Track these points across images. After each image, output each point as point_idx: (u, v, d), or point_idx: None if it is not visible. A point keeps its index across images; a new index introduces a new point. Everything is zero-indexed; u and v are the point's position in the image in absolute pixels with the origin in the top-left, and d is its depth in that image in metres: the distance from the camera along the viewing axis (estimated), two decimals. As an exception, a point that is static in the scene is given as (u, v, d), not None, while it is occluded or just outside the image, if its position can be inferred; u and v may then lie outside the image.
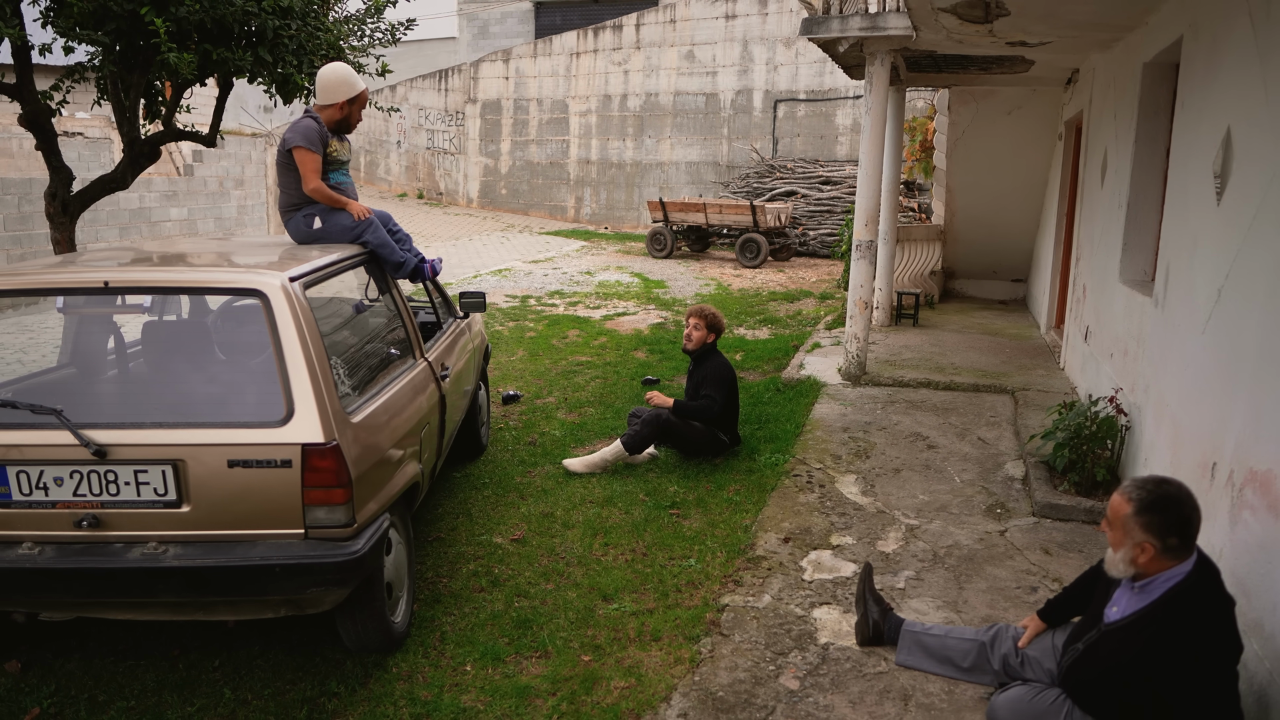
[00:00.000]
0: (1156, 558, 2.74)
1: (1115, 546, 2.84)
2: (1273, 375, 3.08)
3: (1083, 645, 2.97)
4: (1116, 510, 2.82)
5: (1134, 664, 2.77)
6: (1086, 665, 2.91)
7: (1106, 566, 2.90)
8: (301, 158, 4.37)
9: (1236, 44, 3.73)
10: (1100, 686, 2.87)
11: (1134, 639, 2.79)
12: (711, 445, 5.91)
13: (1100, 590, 3.10)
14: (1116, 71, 6.61)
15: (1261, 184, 3.32)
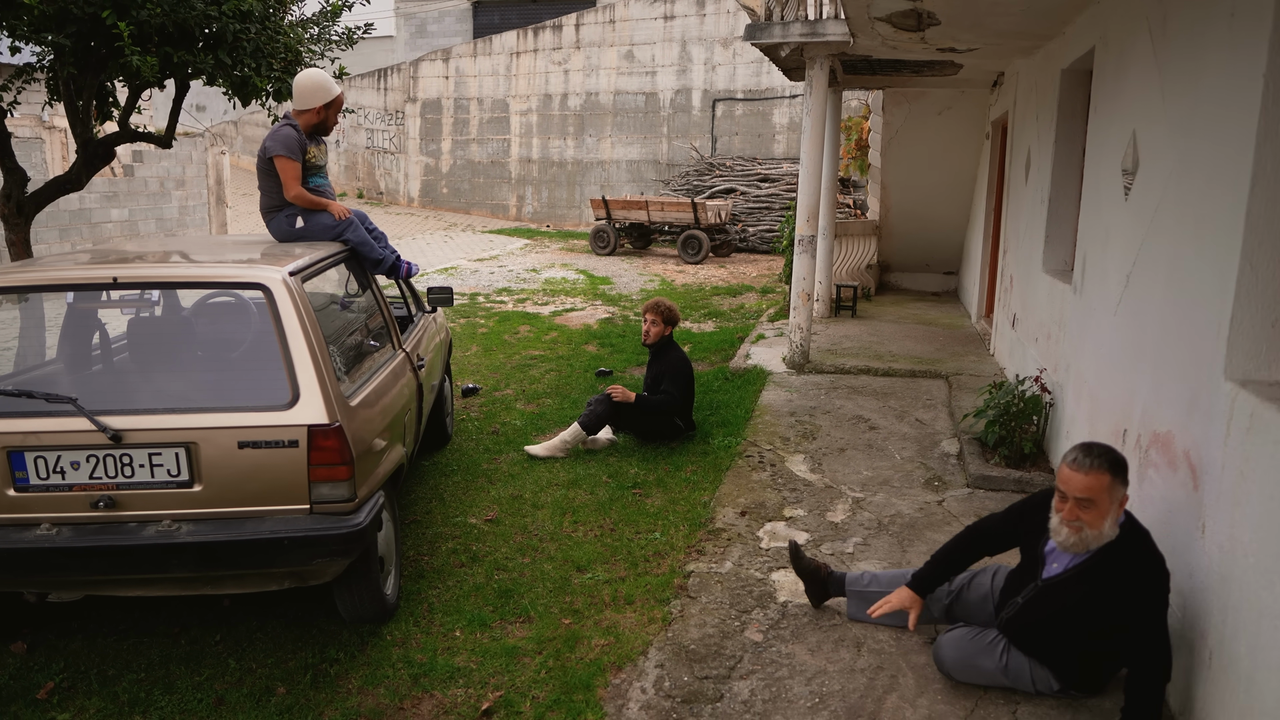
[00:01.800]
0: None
1: (1097, 521, 3.05)
2: (1170, 349, 3.50)
3: (1022, 599, 3.32)
4: (1095, 486, 3.02)
5: (1075, 611, 3.16)
6: (1027, 615, 3.28)
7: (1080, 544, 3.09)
8: (282, 166, 4.59)
9: (1139, 55, 4.16)
10: (1040, 632, 3.26)
11: (1075, 589, 3.16)
12: (668, 430, 6.24)
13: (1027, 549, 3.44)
14: (1038, 76, 7.10)
15: (1162, 180, 3.74)
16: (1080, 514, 3.07)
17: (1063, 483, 3.11)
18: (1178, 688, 3.20)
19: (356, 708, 3.34)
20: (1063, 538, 3.14)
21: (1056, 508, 3.17)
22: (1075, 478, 3.06)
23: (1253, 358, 2.90)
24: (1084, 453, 3.09)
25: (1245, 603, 2.69)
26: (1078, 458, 3.08)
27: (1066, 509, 3.10)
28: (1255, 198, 2.81)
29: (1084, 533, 3.08)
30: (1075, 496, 3.06)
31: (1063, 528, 3.13)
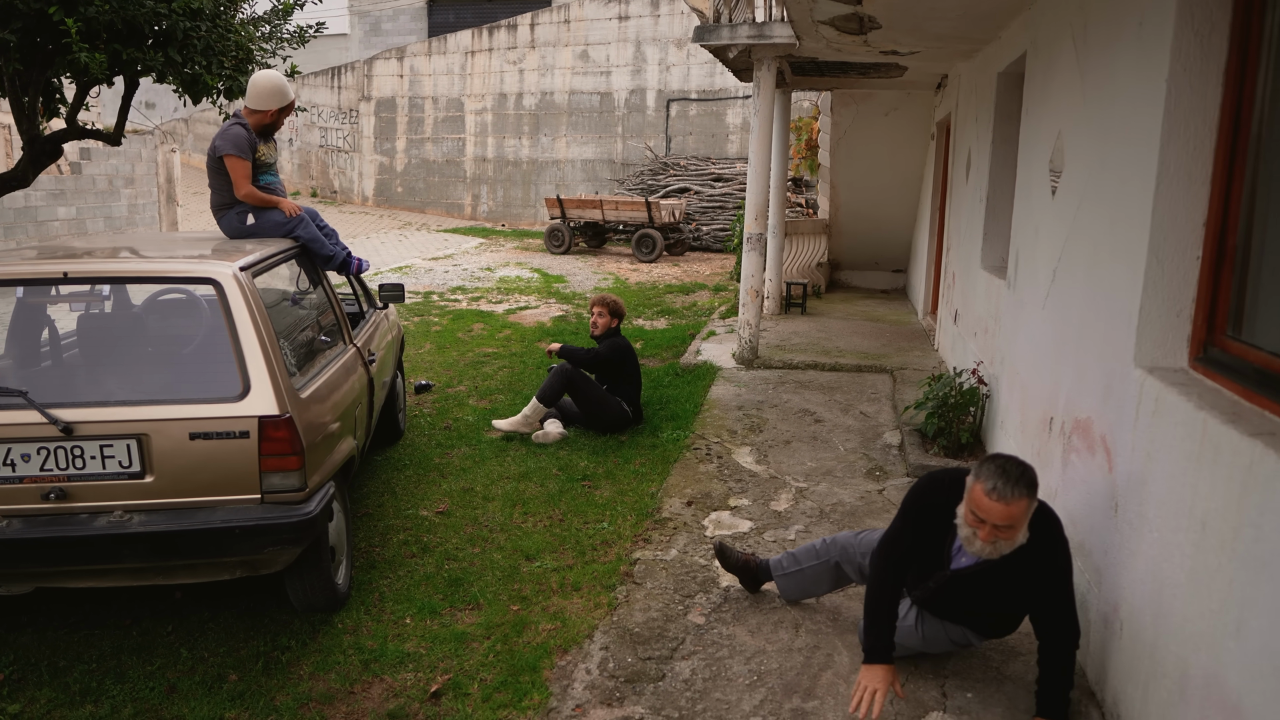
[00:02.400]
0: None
1: (1013, 537, 3.00)
2: (1089, 340, 3.69)
3: (934, 585, 3.37)
4: (1013, 514, 2.94)
5: (987, 595, 3.28)
6: (940, 597, 3.38)
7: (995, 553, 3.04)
8: (232, 165, 4.65)
9: (1064, 61, 4.36)
10: (954, 608, 3.41)
11: (986, 579, 3.23)
12: (616, 413, 6.41)
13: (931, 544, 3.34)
14: (977, 79, 7.32)
15: (1083, 180, 3.93)
16: (999, 535, 3.00)
17: (982, 511, 2.97)
18: (1094, 660, 3.38)
19: (308, 692, 3.42)
20: (977, 549, 3.06)
21: (971, 524, 3.04)
22: (996, 508, 2.95)
23: (1159, 346, 3.08)
24: (1003, 480, 2.95)
25: (1150, 575, 2.87)
26: (997, 486, 2.94)
27: (985, 531, 2.99)
28: (1160, 196, 2.99)
29: (998, 545, 3.02)
30: (997, 524, 2.97)
31: (976, 541, 3.04)
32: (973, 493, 3.02)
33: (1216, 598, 2.42)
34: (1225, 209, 2.85)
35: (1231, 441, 2.39)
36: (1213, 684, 2.43)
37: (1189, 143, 2.91)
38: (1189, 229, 2.97)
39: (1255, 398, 2.56)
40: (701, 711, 3.28)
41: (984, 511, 2.97)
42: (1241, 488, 2.32)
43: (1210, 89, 2.85)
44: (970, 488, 3.04)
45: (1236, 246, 2.80)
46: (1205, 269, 2.95)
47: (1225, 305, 2.88)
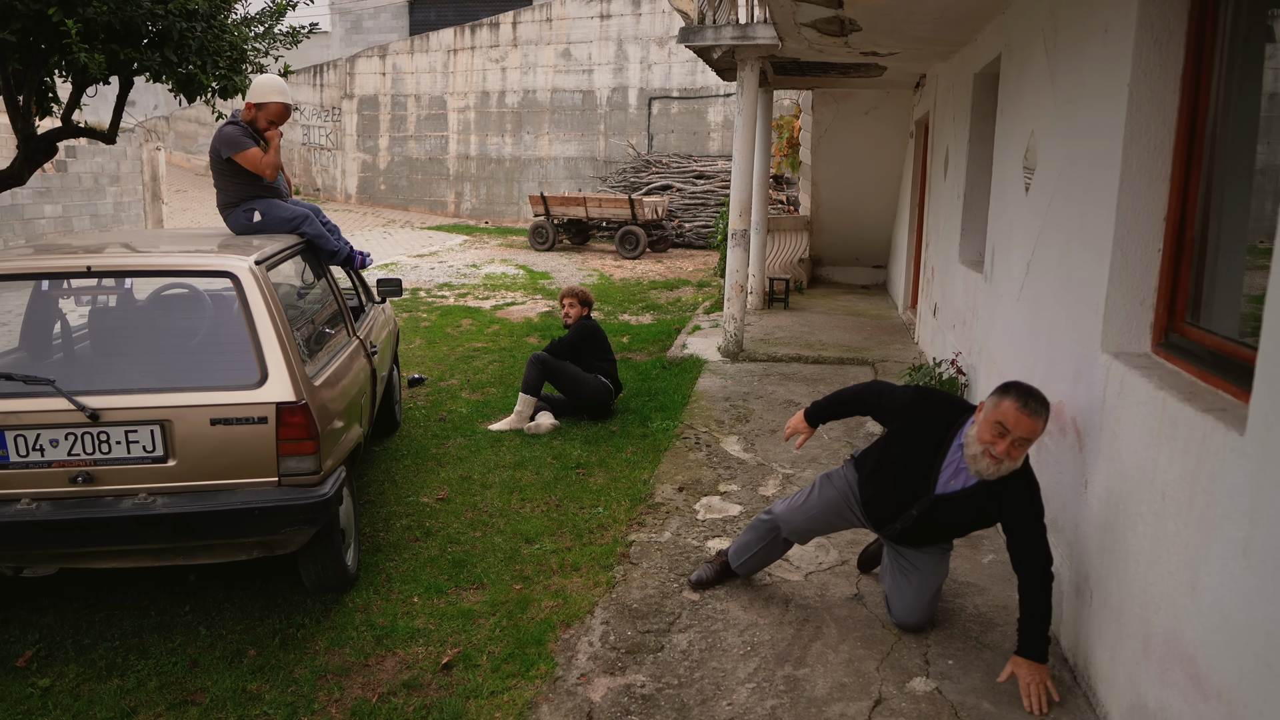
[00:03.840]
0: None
1: (1016, 456, 3.28)
2: (1061, 328, 3.92)
3: (917, 511, 3.61)
4: (1038, 430, 3.26)
5: (966, 517, 3.57)
6: (921, 523, 3.63)
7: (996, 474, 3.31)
8: (243, 158, 4.81)
9: (1036, 63, 4.58)
10: (931, 531, 3.67)
11: (970, 502, 3.50)
12: (596, 388, 6.70)
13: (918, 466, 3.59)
14: (955, 79, 7.55)
15: (1054, 177, 4.16)
16: (1014, 452, 3.26)
17: (1009, 423, 3.23)
18: (1067, 629, 3.61)
19: (325, 665, 3.60)
20: (982, 467, 3.31)
21: (985, 439, 3.29)
22: (1025, 421, 3.22)
23: (1124, 332, 3.30)
24: (1031, 398, 3.26)
25: (1116, 544, 3.10)
26: (1029, 403, 3.24)
27: (1004, 445, 3.25)
28: (1124, 192, 3.21)
29: (1004, 464, 3.29)
30: (1020, 437, 3.24)
31: (984, 459, 3.29)
32: (1001, 408, 3.28)
33: (1174, 560, 2.65)
34: (1184, 204, 3.07)
35: (1188, 417, 2.61)
36: (1172, 640, 2.66)
37: (1150, 143, 3.14)
38: (1151, 223, 3.19)
39: (1210, 378, 2.78)
40: (699, 679, 3.48)
41: (1013, 424, 3.23)
42: (1196, 459, 2.54)
43: (1169, 93, 3.08)
44: (996, 405, 3.30)
45: (1194, 239, 3.03)
46: (1166, 260, 3.17)
47: (1185, 294, 3.11)
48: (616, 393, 6.92)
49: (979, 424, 3.36)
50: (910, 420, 3.66)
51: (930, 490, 3.58)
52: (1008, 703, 3.31)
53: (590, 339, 6.87)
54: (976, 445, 3.34)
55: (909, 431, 3.66)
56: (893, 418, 3.76)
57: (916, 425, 3.63)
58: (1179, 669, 2.60)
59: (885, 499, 3.72)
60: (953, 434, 3.54)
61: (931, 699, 3.35)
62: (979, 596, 4.10)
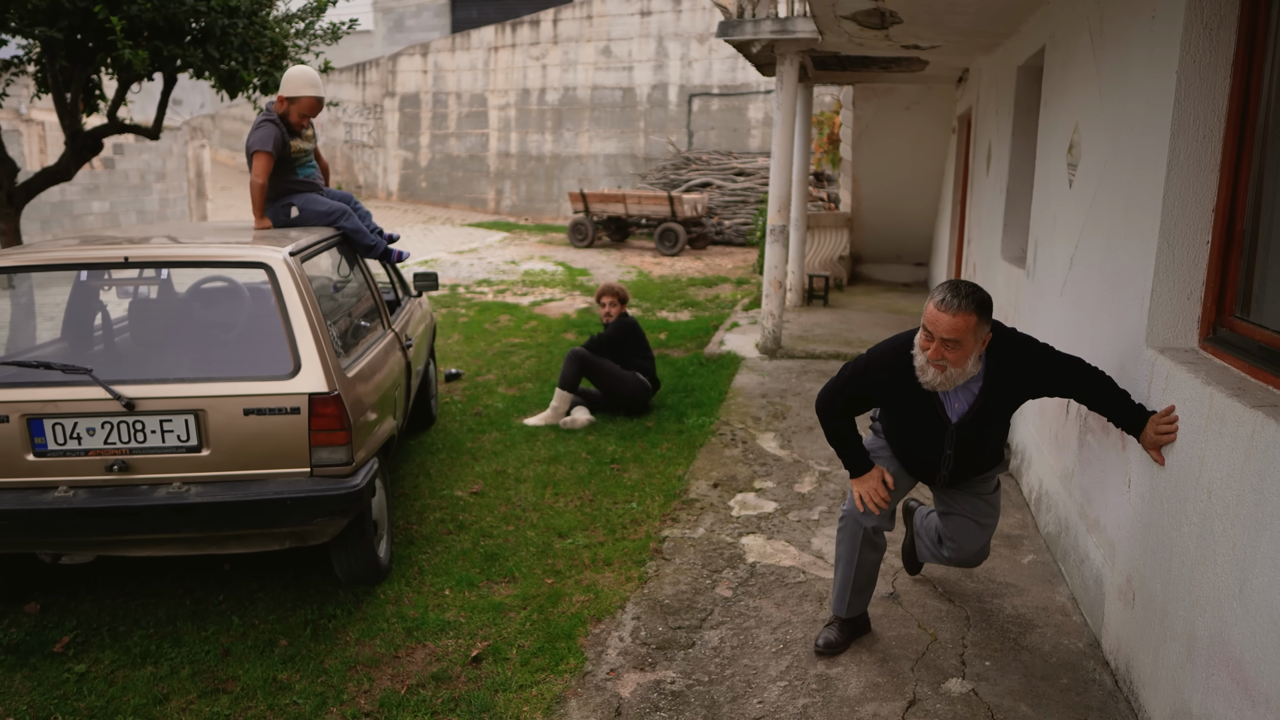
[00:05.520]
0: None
1: (961, 360, 3.06)
2: (1104, 323, 3.82)
3: (953, 450, 3.36)
4: (959, 327, 2.99)
5: (998, 423, 3.38)
6: (964, 457, 3.39)
7: (946, 383, 3.11)
8: (256, 159, 4.81)
9: (1081, 54, 4.48)
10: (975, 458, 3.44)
11: (989, 410, 3.29)
12: (634, 385, 6.66)
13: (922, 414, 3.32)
14: (998, 73, 7.42)
15: (1099, 170, 4.06)
16: (945, 354, 3.05)
17: (930, 322, 3.06)
18: (1109, 631, 3.51)
19: (355, 656, 3.60)
20: (929, 377, 3.13)
21: (922, 345, 3.13)
22: (942, 318, 3.01)
23: (1170, 327, 3.21)
24: (951, 293, 3.04)
25: (1160, 544, 3.00)
26: (945, 298, 3.03)
27: (932, 348, 3.07)
28: (1171, 183, 3.11)
29: (948, 371, 3.09)
30: (941, 337, 3.03)
31: (929, 368, 3.11)
32: (925, 311, 3.10)
33: (1221, 561, 2.56)
34: (1234, 195, 2.97)
35: (1236, 413, 2.53)
36: (1218, 643, 2.57)
37: (1198, 132, 3.04)
38: (1199, 215, 3.09)
39: (1260, 374, 2.69)
40: (730, 676, 3.44)
41: (931, 323, 3.05)
42: (1244, 456, 2.45)
43: (1219, 80, 2.98)
44: (925, 309, 3.12)
45: (1245, 231, 2.93)
46: (1214, 253, 3.07)
47: (1234, 287, 3.00)
48: (654, 390, 6.88)
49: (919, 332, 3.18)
50: (875, 384, 3.36)
51: (948, 424, 3.32)
52: (1046, 705, 3.24)
53: (629, 336, 6.84)
54: (919, 355, 3.14)
55: (882, 395, 3.38)
56: (866, 394, 3.41)
57: (884, 384, 3.33)
58: (1225, 674, 2.51)
59: (918, 455, 3.49)
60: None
61: (967, 700, 3.28)
62: (1018, 597, 4.01)
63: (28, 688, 3.41)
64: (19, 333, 4.36)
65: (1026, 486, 5.17)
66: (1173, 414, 2.95)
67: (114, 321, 4.38)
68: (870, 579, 3.65)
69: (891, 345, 3.36)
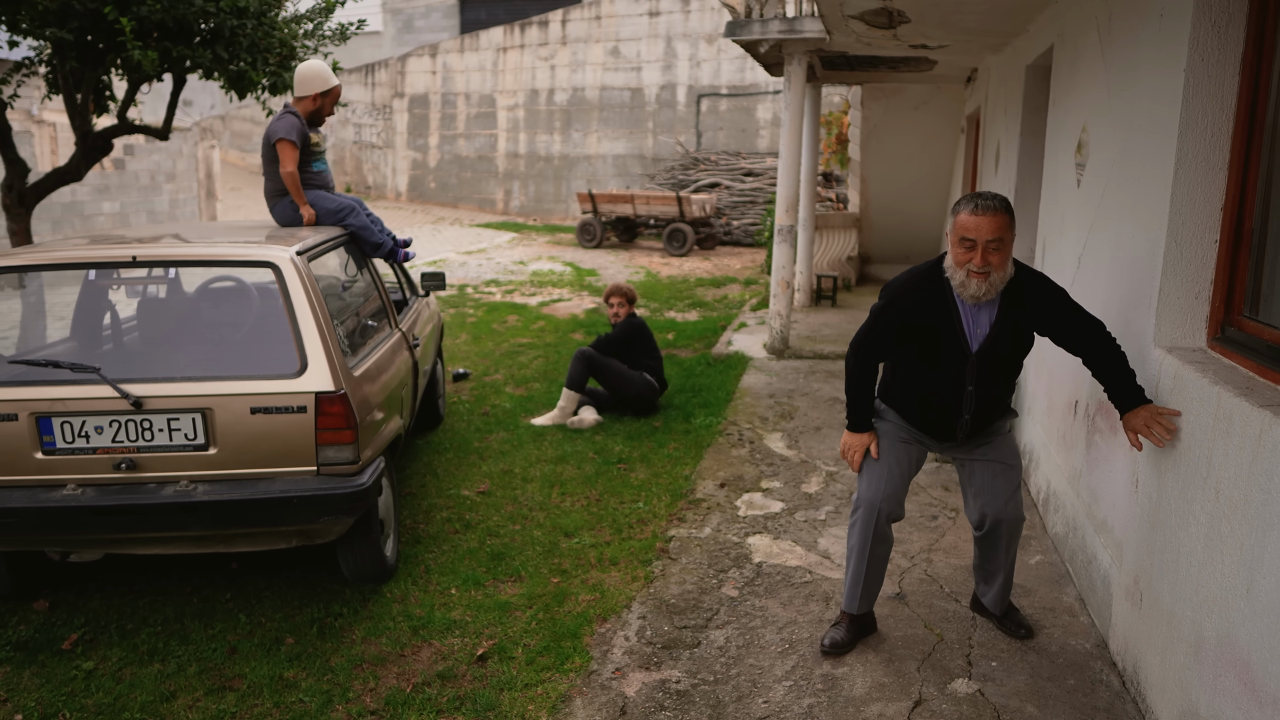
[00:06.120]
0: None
1: (1003, 263, 3.13)
2: (1112, 323, 3.78)
3: (974, 386, 3.31)
4: (1000, 225, 3.09)
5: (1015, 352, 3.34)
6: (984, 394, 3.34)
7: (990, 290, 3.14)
8: (282, 148, 4.87)
9: (1089, 53, 4.46)
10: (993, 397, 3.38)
11: (1006, 335, 3.28)
12: (642, 385, 6.65)
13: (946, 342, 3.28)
14: (1006, 72, 7.40)
15: (1107, 169, 4.04)
16: (990, 258, 3.10)
17: (970, 231, 3.10)
18: (1116, 632, 3.50)
19: (361, 654, 3.61)
20: (973, 289, 3.15)
21: (961, 261, 3.15)
22: (984, 222, 3.09)
23: (1178, 326, 3.19)
24: (981, 198, 3.14)
25: (1168, 545, 2.99)
26: (978, 204, 3.13)
27: (977, 257, 3.10)
28: (1179, 181, 3.10)
29: (992, 277, 3.13)
30: (987, 240, 3.09)
31: (971, 280, 3.14)
32: (957, 222, 3.16)
33: (1228, 561, 2.55)
34: (1242, 193, 2.96)
35: (1244, 413, 2.51)
36: (1225, 644, 2.56)
37: (1206, 130, 3.03)
38: (1207, 213, 3.08)
39: (1268, 373, 2.67)
40: (735, 676, 3.44)
41: (972, 230, 3.10)
42: (1252, 455, 2.44)
43: (1227, 78, 2.97)
44: (952, 224, 3.19)
45: (1253, 229, 2.91)
46: (1223, 252, 3.06)
47: (1242, 286, 2.99)
48: (661, 390, 6.88)
49: (950, 253, 3.23)
50: (902, 313, 3.35)
51: (969, 355, 3.29)
52: (1053, 706, 3.22)
53: (637, 336, 6.83)
54: (958, 273, 3.18)
55: (911, 324, 3.33)
56: (890, 331, 3.39)
57: (909, 312, 3.33)
58: (1232, 675, 2.50)
59: (939, 400, 3.39)
60: (943, 286, 3.27)
61: (973, 701, 3.27)
62: (1025, 598, 4.00)
63: (36, 684, 3.43)
64: (29, 331, 4.39)
65: (1034, 487, 5.15)
66: (1175, 420, 2.97)
67: (122, 320, 4.40)
68: (879, 574, 3.64)
69: (914, 272, 3.41)
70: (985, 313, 3.28)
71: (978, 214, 3.11)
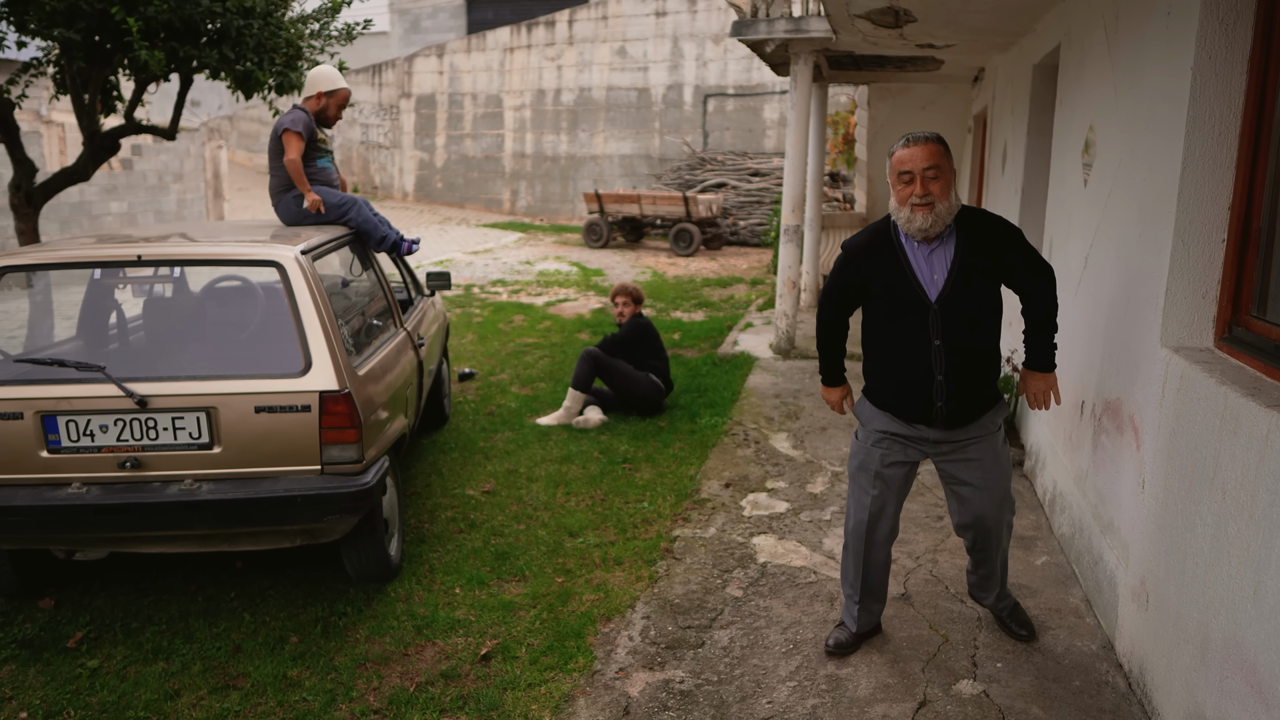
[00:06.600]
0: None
1: (945, 192, 3.10)
2: (1119, 323, 3.78)
3: (941, 341, 3.19)
4: (934, 152, 3.10)
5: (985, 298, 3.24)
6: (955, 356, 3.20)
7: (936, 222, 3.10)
8: (287, 138, 4.91)
9: (1096, 52, 4.44)
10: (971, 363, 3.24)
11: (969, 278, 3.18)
12: (648, 386, 6.64)
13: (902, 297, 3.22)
14: (1013, 72, 7.38)
15: (1113, 169, 4.02)
16: (930, 187, 3.09)
17: (906, 164, 3.13)
18: (1122, 633, 3.48)
19: (365, 654, 3.61)
20: (919, 222, 3.12)
21: (904, 198, 3.14)
22: (918, 151, 3.11)
23: (1185, 326, 3.17)
24: (912, 135, 3.17)
25: (1175, 547, 2.97)
26: (910, 138, 3.16)
27: (917, 187, 3.10)
28: (1186, 180, 3.08)
29: (937, 207, 3.11)
30: (924, 168, 3.09)
31: (915, 215, 3.12)
32: (893, 161, 3.19)
33: (1235, 562, 2.53)
34: (1250, 192, 2.94)
35: (1251, 413, 2.49)
36: (1232, 646, 2.54)
37: (1214, 129, 3.01)
38: (1214, 213, 3.06)
39: (1276, 374, 2.65)
40: (739, 676, 3.43)
41: (908, 162, 3.12)
42: (1260, 456, 2.42)
43: (1235, 76, 2.95)
44: (890, 164, 3.21)
45: (1261, 229, 2.89)
46: (1230, 251, 3.04)
47: (1250, 286, 2.97)
48: (667, 391, 6.87)
49: (893, 196, 3.22)
50: (849, 262, 3.36)
51: (929, 304, 3.19)
52: (1058, 708, 3.21)
53: (643, 337, 6.82)
54: (902, 210, 3.17)
55: (864, 275, 3.32)
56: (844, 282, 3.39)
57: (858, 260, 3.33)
58: (1239, 677, 2.48)
59: (907, 367, 3.27)
60: (890, 232, 3.28)
61: (978, 702, 3.25)
62: (1031, 599, 3.98)
63: (41, 682, 3.43)
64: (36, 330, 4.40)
65: (1040, 488, 5.13)
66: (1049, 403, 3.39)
67: (128, 319, 4.41)
68: (878, 595, 3.59)
69: (866, 230, 3.42)
70: (940, 257, 3.21)
71: (910, 145, 3.14)
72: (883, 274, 3.27)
